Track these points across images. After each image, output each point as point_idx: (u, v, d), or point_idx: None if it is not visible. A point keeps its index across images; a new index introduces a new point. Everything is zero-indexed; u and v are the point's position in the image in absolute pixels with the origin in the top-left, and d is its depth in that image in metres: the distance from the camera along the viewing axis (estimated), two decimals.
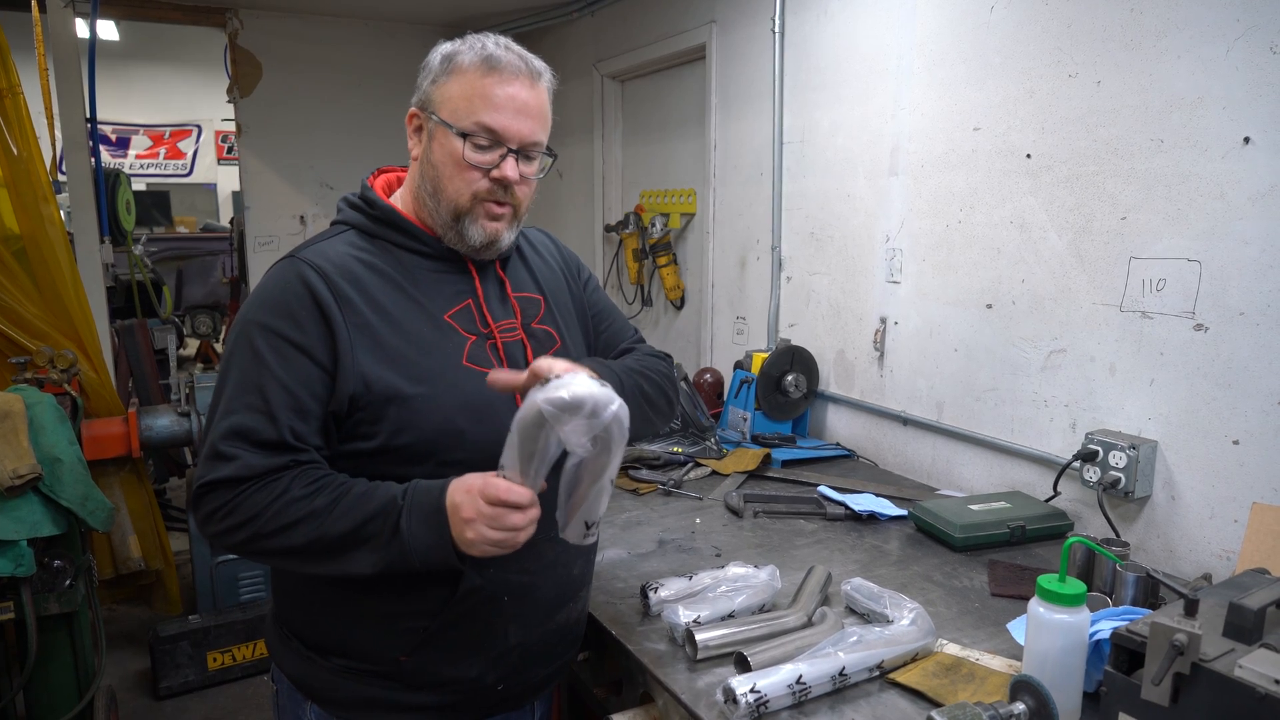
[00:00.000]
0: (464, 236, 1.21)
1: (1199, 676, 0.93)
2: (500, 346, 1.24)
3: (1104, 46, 1.80)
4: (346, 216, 1.26)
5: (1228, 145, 1.60)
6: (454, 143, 1.17)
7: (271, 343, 1.11)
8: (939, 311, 2.27)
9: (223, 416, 1.11)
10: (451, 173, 1.18)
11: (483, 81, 1.17)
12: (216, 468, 1.08)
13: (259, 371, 1.11)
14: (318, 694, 1.22)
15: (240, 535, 1.08)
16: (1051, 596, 1.14)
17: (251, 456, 1.08)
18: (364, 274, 1.18)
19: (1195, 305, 1.67)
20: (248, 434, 1.09)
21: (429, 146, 1.21)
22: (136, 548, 3.17)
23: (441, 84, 1.19)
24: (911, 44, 2.29)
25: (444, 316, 1.20)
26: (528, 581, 1.23)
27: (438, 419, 1.15)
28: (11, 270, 2.95)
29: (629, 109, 3.97)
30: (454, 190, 1.19)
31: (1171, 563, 1.74)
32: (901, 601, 1.38)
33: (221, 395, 1.13)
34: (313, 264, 1.16)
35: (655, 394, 1.37)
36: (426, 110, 1.21)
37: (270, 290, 1.16)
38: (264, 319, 1.13)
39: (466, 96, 1.17)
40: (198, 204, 10.40)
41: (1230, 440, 1.63)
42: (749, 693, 1.15)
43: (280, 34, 4.35)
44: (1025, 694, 1.08)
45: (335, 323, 1.12)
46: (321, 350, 1.12)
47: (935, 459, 2.32)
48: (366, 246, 1.22)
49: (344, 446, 1.16)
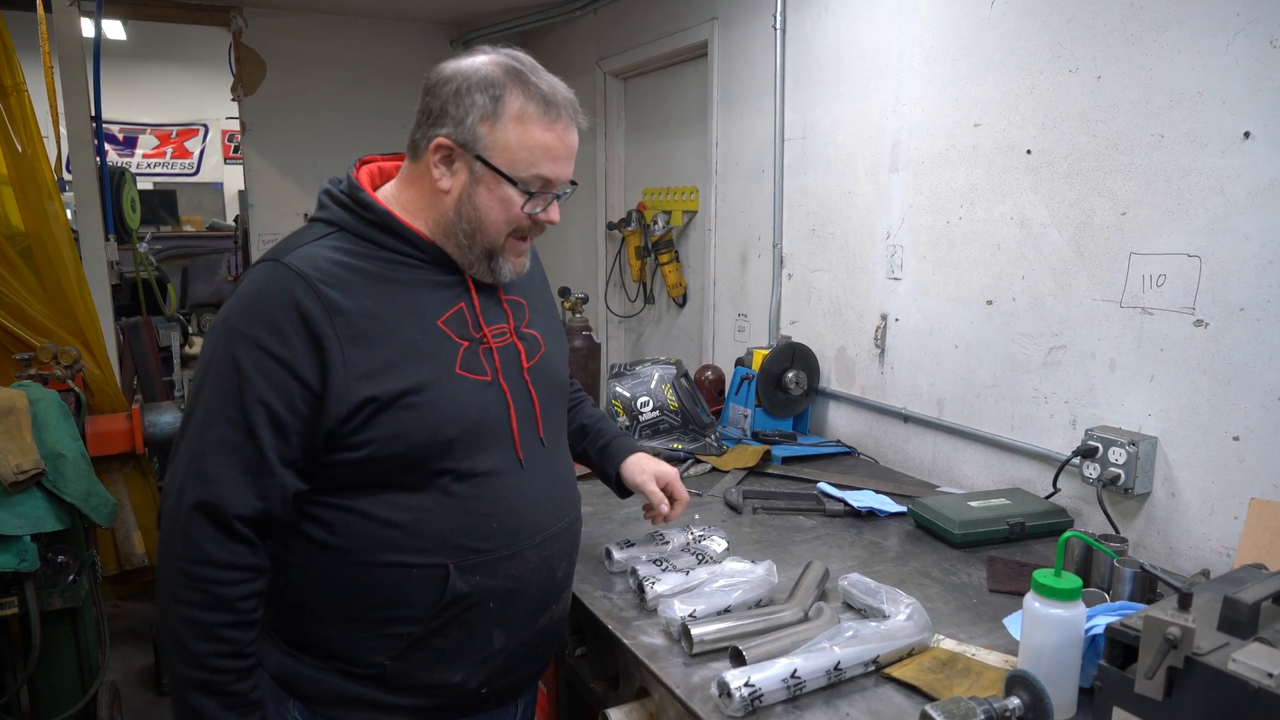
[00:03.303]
0: (496, 272, 1.22)
1: (1193, 670, 0.92)
2: (495, 352, 1.23)
3: (1104, 41, 1.80)
4: (334, 216, 1.20)
5: (1228, 140, 1.59)
6: (508, 192, 1.16)
7: (253, 355, 1.08)
8: (939, 308, 2.27)
9: (204, 428, 1.09)
10: (497, 218, 1.17)
11: (546, 135, 1.15)
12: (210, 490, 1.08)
13: (239, 384, 1.08)
14: (301, 692, 1.21)
15: (178, 607, 1.08)
16: (1047, 591, 1.14)
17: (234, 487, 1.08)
18: (353, 280, 1.13)
19: (1195, 301, 1.66)
20: (232, 450, 1.08)
21: (472, 188, 1.16)
22: (140, 543, 3.19)
23: (494, 127, 1.13)
24: (912, 40, 2.29)
25: (437, 323, 1.18)
26: (513, 588, 1.23)
27: (428, 429, 1.14)
28: (16, 267, 2.97)
29: (631, 106, 3.97)
30: (494, 233, 1.18)
31: (1171, 559, 1.73)
32: (898, 597, 1.38)
33: (198, 402, 1.11)
34: (299, 272, 1.10)
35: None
36: (470, 150, 1.14)
37: (254, 297, 1.11)
38: (246, 329, 1.09)
39: (528, 148, 1.14)
40: (204, 203, 10.43)
41: (1230, 436, 1.62)
42: (743, 686, 1.15)
43: (284, 32, 4.36)
44: (1020, 689, 1.07)
45: (326, 339, 1.09)
46: (308, 368, 1.09)
47: (935, 456, 2.32)
48: (354, 249, 1.16)
49: (329, 457, 1.13)
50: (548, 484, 1.29)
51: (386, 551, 1.15)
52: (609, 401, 2.50)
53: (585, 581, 1.59)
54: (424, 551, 1.16)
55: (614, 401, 2.49)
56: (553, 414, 1.33)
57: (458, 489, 1.17)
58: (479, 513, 1.19)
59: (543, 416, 1.29)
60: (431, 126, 1.16)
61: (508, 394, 1.23)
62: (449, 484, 1.17)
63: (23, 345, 2.88)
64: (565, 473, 1.37)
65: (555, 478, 1.32)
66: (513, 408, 1.23)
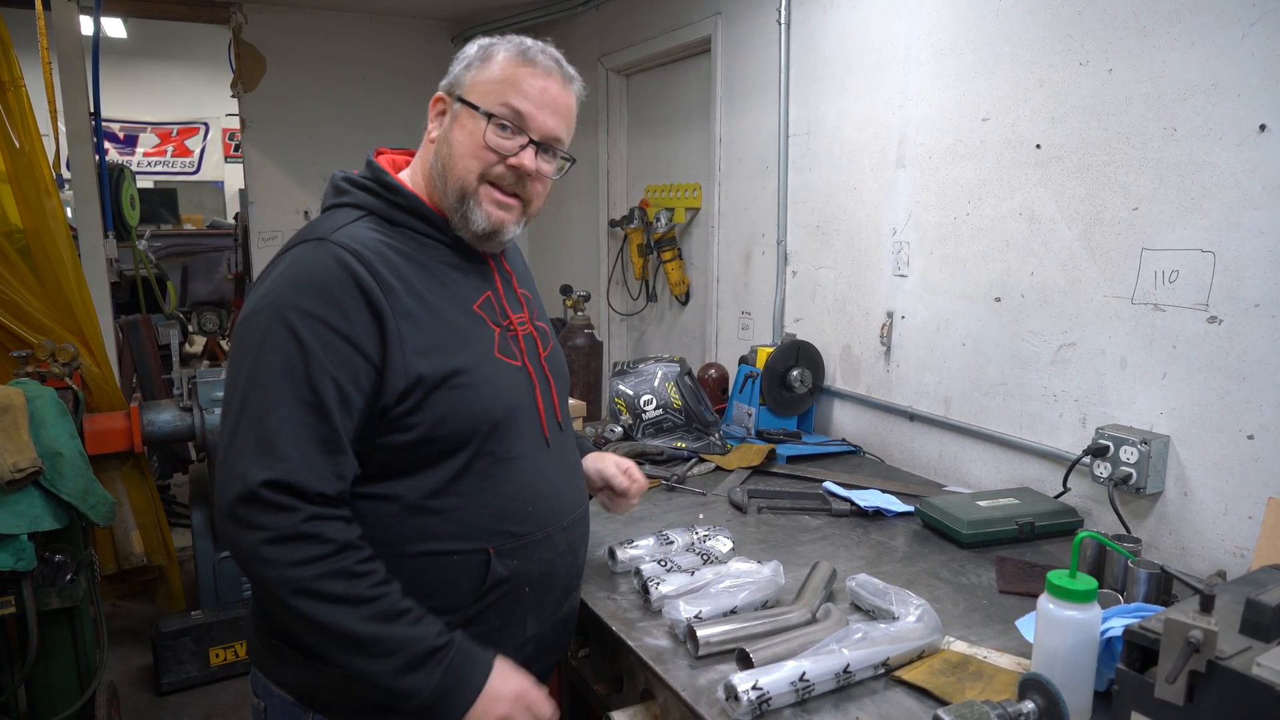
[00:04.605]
0: (468, 220, 1.18)
1: (1215, 674, 0.90)
2: (520, 339, 1.25)
3: (1116, 34, 1.77)
4: (360, 200, 1.19)
5: (1243, 133, 1.56)
6: (477, 123, 1.16)
7: (316, 330, 1.04)
8: (946, 305, 2.24)
9: (269, 408, 1.03)
10: (466, 151, 1.16)
11: (517, 70, 1.17)
12: (287, 468, 1.01)
13: (305, 360, 1.04)
14: (326, 703, 1.16)
15: (283, 573, 1.01)
16: (1062, 593, 1.11)
17: (312, 466, 1.03)
18: (398, 260, 1.13)
19: (1209, 297, 1.63)
20: (307, 428, 1.03)
21: (449, 128, 1.19)
22: (139, 543, 3.17)
23: (475, 70, 1.18)
24: (919, 33, 2.26)
25: (473, 307, 1.20)
26: (546, 571, 1.24)
27: (478, 410, 1.15)
28: (14, 264, 2.95)
29: (634, 103, 3.94)
30: (463, 168, 1.17)
31: (1183, 560, 1.70)
32: (907, 598, 1.35)
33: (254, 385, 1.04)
34: (349, 248, 1.09)
35: None
36: (453, 94, 1.19)
37: (306, 274, 1.07)
38: (305, 304, 1.05)
39: (497, 81, 1.17)
40: (205, 202, 10.43)
41: (1244, 435, 1.60)
42: (751, 690, 1.12)
43: (284, 29, 4.34)
44: (1034, 692, 1.05)
45: (383, 313, 1.07)
46: (369, 342, 1.07)
47: (942, 455, 2.29)
48: (388, 232, 1.16)
49: (380, 440, 1.11)
50: (566, 470, 1.32)
51: (423, 540, 1.14)
52: (612, 399, 2.48)
53: (589, 582, 1.56)
54: (463, 538, 1.15)
55: (617, 399, 2.46)
56: (563, 403, 1.36)
57: (495, 472, 1.17)
58: (514, 496, 1.19)
59: (559, 404, 1.32)
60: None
61: (534, 379, 1.25)
62: (488, 467, 1.17)
63: (20, 342, 2.86)
64: (576, 462, 1.39)
65: (572, 465, 1.35)
66: (539, 392, 1.26)
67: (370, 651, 1.03)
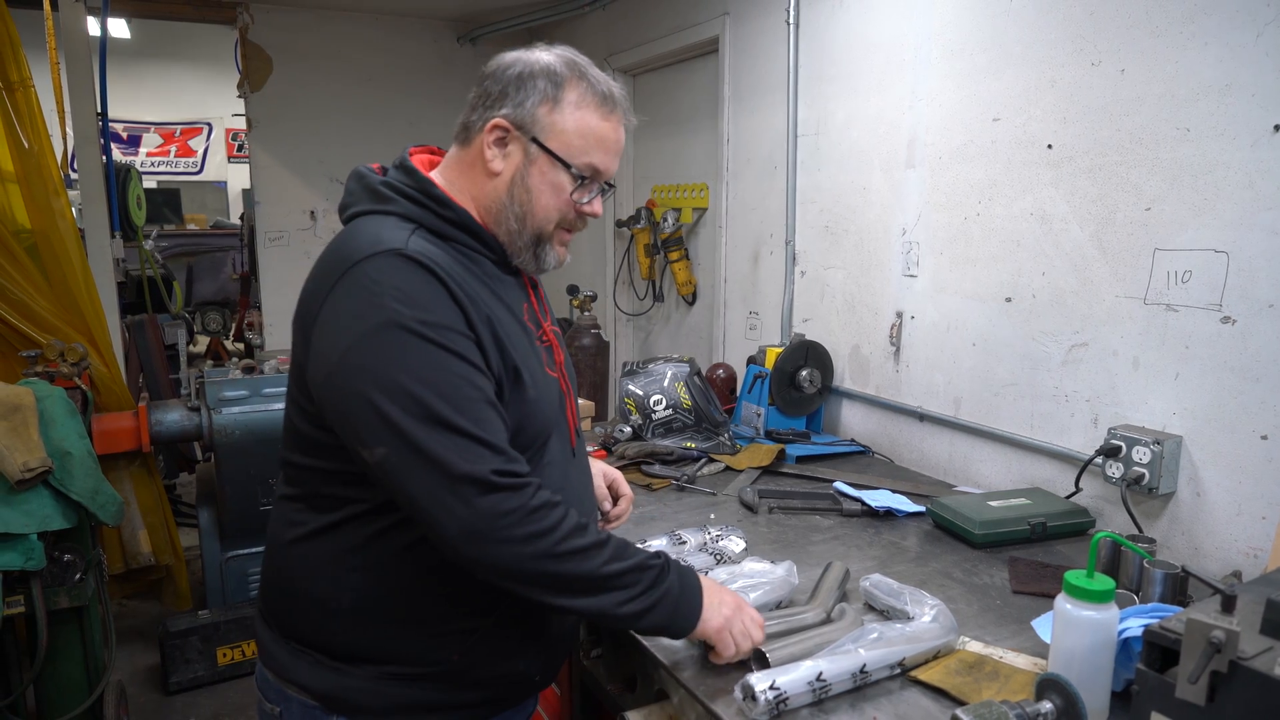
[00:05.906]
0: (540, 259, 1.21)
1: (1237, 675, 0.89)
2: (552, 348, 1.28)
3: (1128, 34, 1.77)
4: (406, 210, 1.14)
5: (1257, 133, 1.56)
6: (560, 177, 1.16)
7: (448, 338, 1.05)
8: (956, 305, 2.24)
9: (451, 414, 1.03)
10: (550, 204, 1.17)
11: (602, 124, 1.16)
12: (497, 458, 1.04)
13: (453, 365, 1.04)
14: (350, 706, 1.15)
15: (536, 546, 1.05)
16: (1079, 593, 1.11)
17: (509, 449, 1.07)
18: (463, 274, 1.12)
19: (1222, 297, 1.63)
20: (491, 422, 1.06)
21: (525, 170, 1.15)
22: (146, 542, 3.17)
23: (552, 111, 1.14)
24: (929, 33, 2.26)
25: (522, 319, 1.22)
26: None
27: (539, 422, 1.18)
28: (22, 264, 2.95)
29: (641, 103, 3.94)
30: (544, 218, 1.18)
31: (1197, 560, 1.70)
32: (922, 598, 1.35)
33: (418, 398, 1.02)
34: (425, 264, 1.07)
35: None
36: (526, 132, 1.14)
37: (405, 289, 1.05)
38: (426, 316, 1.04)
39: (583, 135, 1.15)
40: (208, 202, 10.44)
41: (1258, 435, 1.59)
42: (768, 689, 1.12)
43: (290, 29, 4.34)
44: (1052, 692, 1.05)
45: (475, 322, 1.08)
46: (477, 347, 1.09)
47: (953, 455, 2.29)
48: (441, 246, 1.13)
49: None
50: (584, 476, 1.36)
51: None
52: (622, 399, 2.48)
53: None
54: None
55: (627, 399, 2.46)
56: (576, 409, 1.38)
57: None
58: None
59: (577, 411, 1.35)
60: (489, 109, 1.16)
61: (565, 389, 1.28)
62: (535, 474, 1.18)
63: (29, 342, 2.86)
64: (589, 467, 1.43)
65: (587, 470, 1.39)
66: (569, 399, 1.30)
67: (622, 584, 1.11)
